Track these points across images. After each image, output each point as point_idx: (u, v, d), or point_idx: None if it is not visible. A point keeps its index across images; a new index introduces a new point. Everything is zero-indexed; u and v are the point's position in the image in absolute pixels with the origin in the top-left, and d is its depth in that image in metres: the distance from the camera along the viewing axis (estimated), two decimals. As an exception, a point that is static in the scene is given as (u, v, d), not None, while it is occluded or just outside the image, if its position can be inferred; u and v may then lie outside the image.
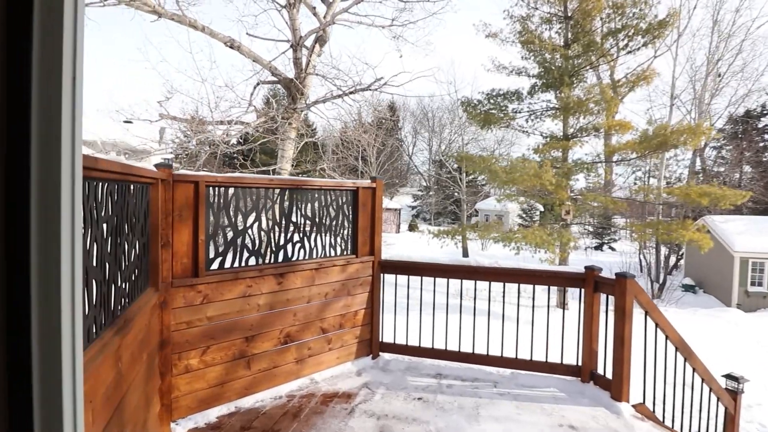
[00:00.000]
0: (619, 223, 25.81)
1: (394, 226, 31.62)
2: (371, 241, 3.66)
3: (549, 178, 9.70)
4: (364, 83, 7.63)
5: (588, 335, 3.28)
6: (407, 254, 21.94)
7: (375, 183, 3.64)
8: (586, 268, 3.30)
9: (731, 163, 20.26)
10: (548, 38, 13.30)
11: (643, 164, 24.45)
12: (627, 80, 11.35)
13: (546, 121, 14.46)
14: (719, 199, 9.34)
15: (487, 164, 12.34)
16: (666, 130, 9.90)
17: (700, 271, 16.17)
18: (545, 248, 9.74)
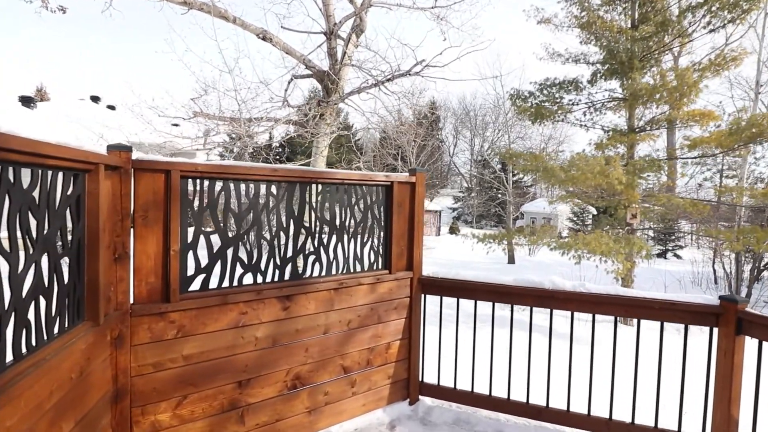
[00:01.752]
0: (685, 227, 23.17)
1: (435, 229, 30.52)
2: (409, 253, 2.81)
3: (618, 176, 8.35)
4: (403, 69, 6.79)
5: (724, 397, 2.24)
6: (449, 259, 20.82)
7: (415, 177, 2.79)
8: (723, 299, 2.26)
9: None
10: (611, 20, 11.84)
11: (713, 163, 21.81)
12: (711, 62, 9.67)
13: (607, 114, 12.93)
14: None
15: (540, 162, 11.08)
16: (765, 119, 8.23)
17: (795, 286, 13.84)
18: (613, 258, 8.41)
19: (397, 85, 8.26)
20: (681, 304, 2.32)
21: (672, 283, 15.73)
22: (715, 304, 2.28)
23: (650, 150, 15.92)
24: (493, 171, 28.67)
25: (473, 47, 6.47)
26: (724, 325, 2.26)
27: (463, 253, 20.71)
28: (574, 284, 2.50)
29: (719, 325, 2.28)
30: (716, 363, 2.29)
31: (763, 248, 8.90)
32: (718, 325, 2.29)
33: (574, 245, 8.54)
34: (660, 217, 16.49)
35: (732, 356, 2.22)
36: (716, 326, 2.29)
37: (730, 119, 9.55)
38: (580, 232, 14.93)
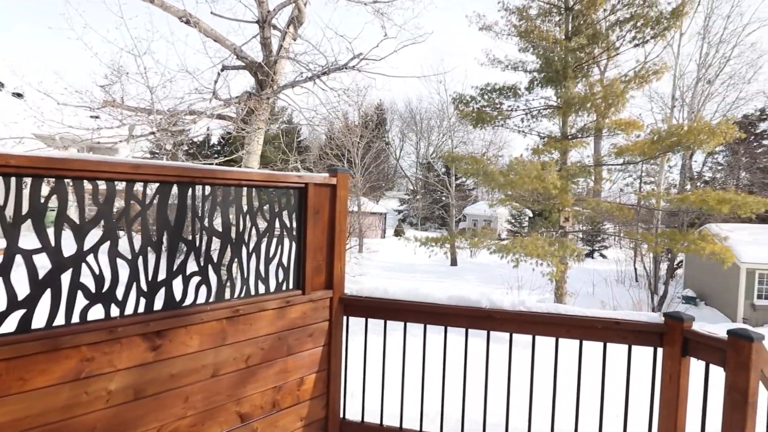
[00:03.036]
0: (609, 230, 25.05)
1: (380, 231, 30.35)
2: (329, 268, 2.37)
3: (553, 181, 8.56)
4: (340, 62, 6.34)
5: (670, 425, 2.05)
6: (393, 262, 20.66)
7: (336, 178, 2.35)
8: (668, 317, 2.07)
9: (729, 169, 19.62)
10: (547, 30, 12.29)
11: (634, 170, 23.80)
12: (636, 75, 10.31)
13: (543, 121, 13.45)
14: (741, 207, 8.32)
15: (481, 166, 11.17)
16: (682, 129, 8.87)
17: (702, 283, 15.32)
18: (548, 260, 8.61)
19: (336, 81, 7.80)
20: (624, 323, 2.11)
21: (599, 281, 16.79)
22: (659, 323, 2.09)
23: (580, 156, 16.92)
24: (437, 174, 29.11)
25: (411, 41, 6.18)
26: (669, 346, 2.07)
27: (406, 256, 20.65)
28: (512, 302, 2.21)
29: (664, 345, 2.09)
30: (661, 387, 2.09)
31: (678, 249, 9.63)
32: (662, 345, 2.10)
33: (512, 249, 8.61)
34: (589, 220, 17.52)
35: (678, 380, 2.03)
36: (660, 346, 2.10)
37: (649, 130, 10.24)
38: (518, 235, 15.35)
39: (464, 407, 2.35)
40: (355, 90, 9.47)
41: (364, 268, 17.67)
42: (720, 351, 1.87)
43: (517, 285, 13.58)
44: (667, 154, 10.93)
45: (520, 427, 2.43)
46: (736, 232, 13.57)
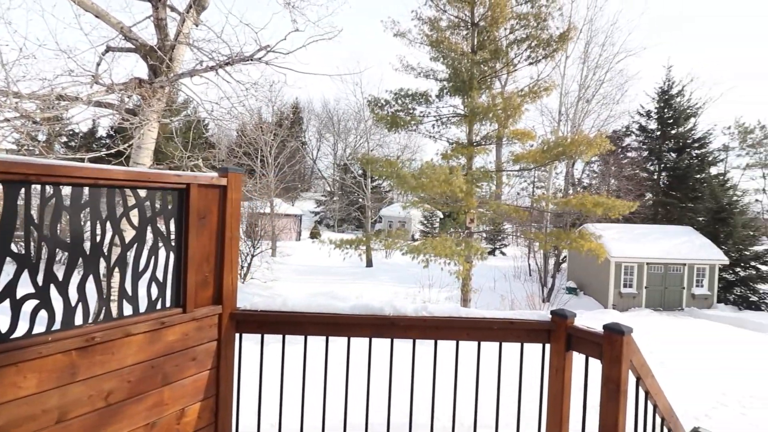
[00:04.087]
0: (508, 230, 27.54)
1: (295, 234, 29.43)
2: (218, 281, 2.09)
3: (460, 185, 9.07)
4: (246, 53, 5.90)
5: (556, 417, 2.19)
6: (307, 265, 20.13)
7: (227, 178, 2.09)
8: (554, 315, 2.22)
9: (602, 177, 22.88)
10: (456, 43, 13.03)
11: (528, 176, 26.51)
12: (530, 90, 11.44)
13: (452, 128, 14.23)
14: (610, 209, 9.70)
15: (394, 169, 11.40)
16: (566, 141, 10.05)
17: (581, 275, 17.55)
18: (455, 260, 9.09)
19: (243, 73, 7.27)
20: (518, 322, 2.21)
21: (500, 277, 18.30)
22: (547, 321, 2.23)
23: (484, 162, 18.28)
24: (354, 176, 29.19)
25: (321, 36, 6.00)
26: (555, 342, 2.22)
27: (322, 259, 20.29)
28: (415, 308, 2.18)
29: (551, 342, 2.24)
30: (548, 381, 2.23)
31: (562, 246, 10.92)
32: (550, 341, 2.24)
33: (422, 249, 8.91)
34: (491, 221, 18.95)
35: (563, 373, 2.19)
36: (548, 342, 2.25)
37: (541, 140, 11.44)
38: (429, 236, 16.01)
39: (368, 413, 2.26)
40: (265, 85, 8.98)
41: (277, 272, 16.93)
42: (597, 345, 2.05)
43: (428, 284, 14.16)
44: (554, 162, 12.31)
45: (424, 422, 2.44)
46: (607, 231, 15.82)
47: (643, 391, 2.21)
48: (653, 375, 2.24)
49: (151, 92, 7.13)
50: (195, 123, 13.81)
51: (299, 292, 14.60)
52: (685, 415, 6.15)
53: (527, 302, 13.29)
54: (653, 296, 14.84)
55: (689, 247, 15.21)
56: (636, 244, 15.16)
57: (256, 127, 17.29)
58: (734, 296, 15.53)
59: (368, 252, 21.14)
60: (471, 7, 12.41)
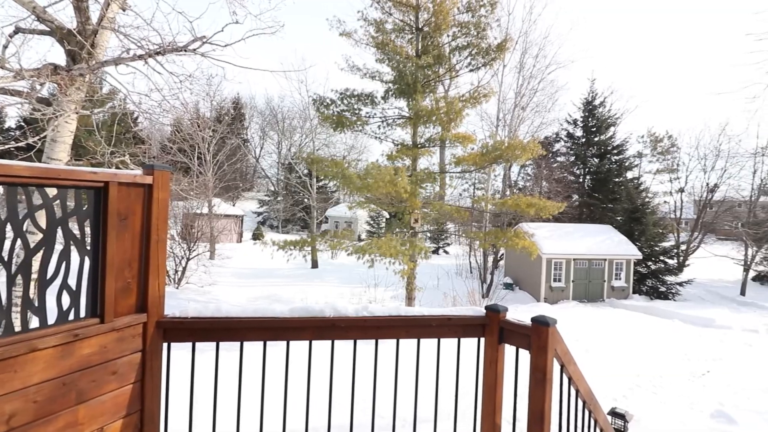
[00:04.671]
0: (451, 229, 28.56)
1: (236, 235, 28.16)
2: (142, 287, 1.94)
3: (404, 185, 9.23)
4: (180, 43, 5.53)
5: (490, 406, 2.31)
6: (249, 268, 19.36)
7: (152, 176, 1.95)
8: (488, 310, 2.33)
9: (535, 179, 24.50)
10: (401, 46, 13.24)
11: (470, 177, 27.68)
12: (470, 96, 11.94)
13: (397, 130, 14.45)
14: (542, 209, 10.41)
15: (340, 169, 11.33)
16: (503, 145, 10.63)
17: (517, 271, 18.65)
18: (399, 259, 9.24)
19: (176, 65, 6.80)
20: (455, 318, 2.30)
21: (443, 275, 18.92)
22: (482, 315, 2.35)
23: (428, 164, 18.77)
24: (298, 176, 28.58)
25: (261, 30, 5.79)
26: (490, 335, 2.33)
27: (264, 261, 19.64)
28: (356, 308, 2.18)
29: (485, 336, 2.35)
30: (483, 372, 2.35)
31: (500, 244, 11.54)
32: (484, 335, 2.36)
33: (367, 249, 8.95)
34: (434, 221, 19.50)
35: (496, 364, 2.31)
36: (483, 336, 2.36)
37: (480, 144, 11.99)
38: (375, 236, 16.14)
39: (308, 418, 2.22)
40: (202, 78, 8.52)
41: (216, 276, 16.10)
42: (526, 336, 2.19)
43: (374, 283, 14.25)
44: (493, 165, 12.96)
45: (365, 422, 2.46)
46: (539, 230, 16.96)
47: (567, 377, 2.40)
48: (575, 362, 2.44)
49: (68, 80, 6.46)
50: (121, 116, 12.68)
51: (239, 297, 14.00)
52: (607, 396, 6.78)
53: (468, 298, 13.85)
54: (579, 289, 16.17)
55: (609, 243, 16.77)
56: (564, 242, 16.42)
57: (193, 123, 16.30)
58: (646, 287, 17.38)
59: (314, 253, 20.81)
60: (415, 12, 12.69)
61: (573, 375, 2.41)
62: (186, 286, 14.44)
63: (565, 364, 2.33)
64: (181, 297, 13.11)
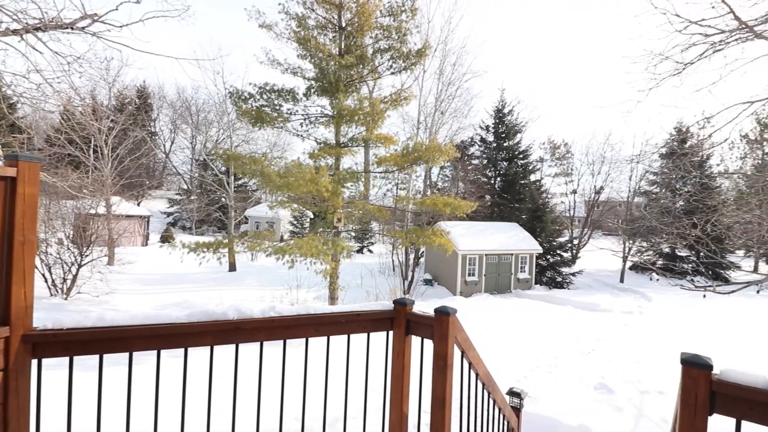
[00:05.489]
0: (375, 228, 29.07)
1: (141, 238, 25.48)
2: (3, 297, 1.68)
3: (326, 185, 9.16)
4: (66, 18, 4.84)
5: (398, 395, 2.41)
6: (156, 273, 17.67)
7: (16, 168, 1.70)
8: (396, 303, 2.43)
9: (452, 180, 25.95)
10: (324, 44, 13.10)
11: (393, 178, 28.43)
12: (391, 98, 12.25)
13: (320, 128, 14.28)
14: (457, 209, 11.07)
15: (259, 166, 10.88)
16: (422, 147, 11.09)
17: (436, 267, 19.61)
18: (320, 259, 9.15)
19: (62, 43, 5.96)
20: (364, 313, 2.35)
21: (366, 273, 19.17)
22: (390, 310, 2.44)
23: (352, 163, 18.88)
24: (214, 173, 26.78)
25: (163, 13, 5.31)
26: (397, 328, 2.43)
27: (174, 265, 18.08)
28: (263, 309, 2.13)
29: (394, 329, 2.44)
30: (391, 364, 2.44)
31: (419, 242, 12.02)
32: (393, 328, 2.45)
33: (287, 250, 8.72)
34: (359, 220, 19.70)
35: (403, 355, 2.42)
36: (391, 329, 2.45)
37: (402, 145, 12.37)
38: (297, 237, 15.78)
39: (209, 428, 2.11)
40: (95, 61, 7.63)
41: (116, 284, 14.44)
42: (430, 327, 2.32)
43: (296, 284, 13.92)
44: (413, 166, 13.45)
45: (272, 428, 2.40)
46: (456, 228, 18.01)
47: (467, 362, 2.60)
48: (475, 348, 2.65)
49: None
50: None
51: (144, 306, 12.72)
52: (511, 378, 7.43)
53: (390, 295, 14.21)
54: (490, 282, 17.51)
55: (515, 239, 18.42)
56: (477, 239, 17.65)
57: (86, 111, 14.39)
58: (546, 278, 19.41)
59: (231, 255, 19.69)
60: (339, 11, 12.66)
61: (473, 360, 2.61)
62: (77, 296, 12.71)
63: (465, 351, 2.51)
64: (71, 309, 11.54)
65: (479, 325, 10.94)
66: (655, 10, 6.55)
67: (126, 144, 21.68)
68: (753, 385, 1.59)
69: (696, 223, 8.28)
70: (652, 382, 7.29)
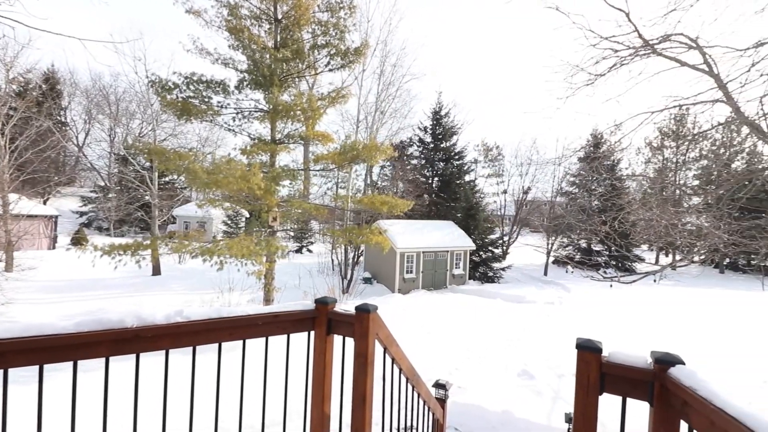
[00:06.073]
0: (315, 228, 28.65)
1: (46, 241, 22.65)
2: None
3: (258, 182, 8.77)
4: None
5: (319, 396, 2.35)
6: (65, 280, 15.79)
7: None
8: (317, 303, 2.37)
9: (392, 179, 26.32)
10: (258, 35, 12.56)
11: (333, 176, 28.18)
12: (329, 95, 12.09)
13: (254, 123, 13.69)
14: (394, 207, 11.23)
15: (185, 162, 10.16)
16: (359, 146, 11.08)
17: (375, 265, 19.77)
18: (253, 259, 8.76)
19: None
20: (283, 314, 2.26)
21: (305, 274, 18.78)
22: (312, 309, 2.37)
23: (290, 161, 18.36)
24: (136, 169, 24.58)
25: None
26: (319, 328, 2.37)
27: (87, 270, 16.30)
28: (168, 314, 1.96)
29: (315, 328, 2.38)
30: (313, 364, 2.38)
31: (357, 241, 12.01)
32: (314, 327, 2.39)
33: (216, 251, 8.25)
34: (297, 219, 19.18)
35: (324, 355, 2.37)
36: (313, 329, 2.39)
37: (340, 143, 12.27)
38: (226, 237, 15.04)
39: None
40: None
41: (14, 292, 12.70)
42: (351, 325, 2.29)
43: (229, 287, 13.25)
44: (351, 164, 13.40)
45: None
46: (395, 226, 18.29)
47: (390, 358, 2.62)
48: (398, 344, 2.68)
49: None
50: None
51: (49, 316, 11.30)
52: (443, 370, 7.68)
53: (329, 295, 14.05)
54: (427, 278, 18.03)
55: (451, 237, 19.15)
56: (415, 237, 18.08)
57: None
58: (479, 273, 20.42)
59: (155, 258, 18.23)
60: (274, 2, 12.22)
61: (395, 356, 2.63)
62: (-38, 308, 10.95)
63: (387, 347, 2.53)
64: (-48, 323, 9.89)
65: (415, 321, 11.21)
66: (572, 25, 7.14)
67: (28, 134, 19.12)
68: (634, 365, 1.74)
69: (605, 221, 9.17)
70: (568, 366, 7.96)
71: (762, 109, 5.76)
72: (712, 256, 8.08)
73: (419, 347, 8.89)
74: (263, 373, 2.26)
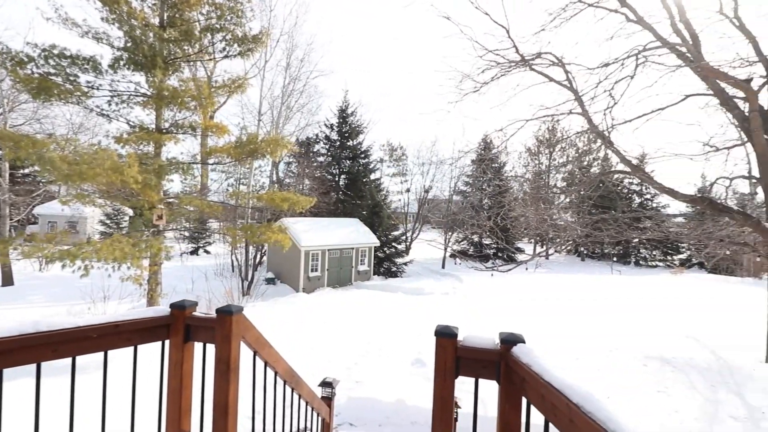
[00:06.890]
0: (214, 226, 26.62)
1: None
2: None
3: (134, 175, 7.76)
4: None
5: (175, 412, 2.14)
6: None
7: None
8: (173, 307, 2.15)
9: (297, 176, 25.64)
10: (140, 10, 11.11)
11: (234, 172, 26.50)
12: (224, 84, 11.24)
13: (135, 109, 12.16)
14: (295, 204, 10.93)
15: (38, 149, 8.56)
16: (257, 139, 10.52)
17: (279, 265, 19.08)
18: (130, 262, 7.74)
19: None
20: (125, 324, 2.00)
21: (200, 276, 17.31)
22: (166, 315, 2.14)
23: (180, 152, 16.74)
24: (-23, 155, 20.06)
25: None
26: (175, 336, 2.15)
27: None
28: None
29: (170, 336, 2.16)
30: (168, 377, 2.15)
31: (254, 240, 11.42)
32: (170, 336, 2.16)
33: (78, 254, 7.12)
34: (191, 218, 17.62)
35: (181, 367, 2.15)
36: (168, 338, 2.16)
37: (242, 135, 11.51)
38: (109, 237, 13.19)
39: None
40: None
41: None
42: (212, 329, 2.12)
43: (103, 296, 11.55)
44: (251, 159, 12.68)
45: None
46: (299, 224, 17.85)
47: (262, 361, 2.50)
48: (270, 345, 2.56)
49: None
50: None
51: None
52: (341, 366, 7.70)
53: (227, 298, 13.16)
54: (333, 276, 17.98)
55: (356, 234, 19.35)
56: (321, 234, 17.88)
57: None
58: (383, 269, 21.02)
59: (6, 263, 15.12)
60: (157, -24, 10.94)
61: (268, 358, 2.52)
62: None
63: (258, 350, 2.40)
64: None
65: (319, 320, 11.09)
66: (462, 35, 7.66)
67: None
68: (484, 347, 1.84)
69: (490, 216, 10.08)
70: (458, 351, 8.59)
71: (605, 120, 6.87)
72: (575, 246, 9.42)
73: (321, 345, 8.80)
74: (101, 394, 1.97)
